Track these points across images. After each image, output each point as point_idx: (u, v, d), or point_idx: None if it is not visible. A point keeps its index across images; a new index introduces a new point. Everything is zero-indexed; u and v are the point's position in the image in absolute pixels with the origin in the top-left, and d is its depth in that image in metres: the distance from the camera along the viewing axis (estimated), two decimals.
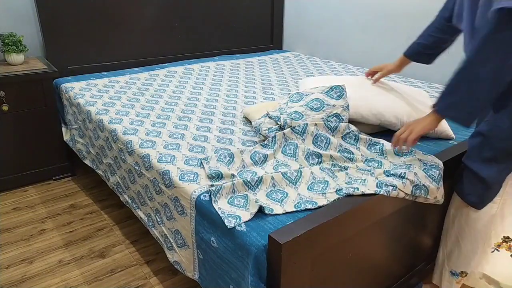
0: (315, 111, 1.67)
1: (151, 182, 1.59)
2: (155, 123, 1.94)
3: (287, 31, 3.75)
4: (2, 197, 2.37)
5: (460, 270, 1.58)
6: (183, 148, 1.67)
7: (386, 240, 1.49)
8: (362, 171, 1.43)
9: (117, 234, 2.08)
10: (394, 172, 1.35)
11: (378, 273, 1.53)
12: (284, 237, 1.05)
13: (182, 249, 1.47)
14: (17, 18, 2.56)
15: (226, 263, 1.23)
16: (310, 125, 1.60)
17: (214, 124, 1.93)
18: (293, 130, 1.60)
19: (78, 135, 2.34)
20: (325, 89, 1.75)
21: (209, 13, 3.24)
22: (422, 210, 1.59)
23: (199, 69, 2.94)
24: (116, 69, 2.84)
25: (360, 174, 1.41)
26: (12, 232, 2.08)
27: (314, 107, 1.68)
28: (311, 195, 1.31)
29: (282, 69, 3.03)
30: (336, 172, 1.45)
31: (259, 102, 2.27)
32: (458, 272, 1.58)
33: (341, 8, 3.16)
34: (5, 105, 2.25)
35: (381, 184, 1.29)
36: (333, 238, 1.19)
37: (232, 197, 1.29)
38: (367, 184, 1.31)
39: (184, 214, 1.40)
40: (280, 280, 1.08)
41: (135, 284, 1.77)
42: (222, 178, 1.40)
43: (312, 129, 1.59)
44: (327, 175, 1.41)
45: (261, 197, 1.30)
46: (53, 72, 2.38)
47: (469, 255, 1.53)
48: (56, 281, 1.77)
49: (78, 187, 2.51)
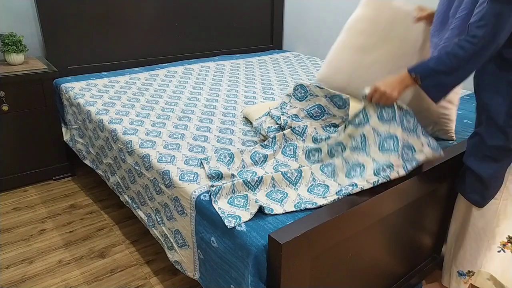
0: (314, 119, 1.68)
1: (151, 182, 1.59)
2: (155, 123, 1.94)
3: (287, 31, 3.75)
4: (2, 197, 2.37)
5: (467, 270, 1.58)
6: (183, 148, 1.67)
7: (386, 240, 1.49)
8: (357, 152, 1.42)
9: (117, 234, 2.08)
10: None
11: (378, 273, 1.53)
12: (284, 237, 1.05)
13: (182, 249, 1.47)
14: (17, 18, 2.56)
15: (226, 263, 1.24)
16: (310, 127, 1.61)
17: (214, 124, 1.93)
18: (293, 130, 1.60)
19: (78, 135, 2.34)
20: (329, 93, 1.71)
21: (209, 13, 3.24)
22: (422, 210, 1.59)
23: (199, 69, 2.94)
24: (116, 69, 2.84)
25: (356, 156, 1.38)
26: (12, 232, 2.08)
27: (314, 115, 1.69)
28: (311, 197, 1.31)
29: (282, 69, 3.03)
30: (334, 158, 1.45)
31: (259, 102, 2.27)
32: (465, 272, 1.59)
33: (341, 8, 3.16)
34: (5, 105, 2.25)
35: (378, 170, 1.29)
36: (333, 238, 1.19)
37: (232, 197, 1.29)
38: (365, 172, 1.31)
39: (184, 214, 1.40)
40: (280, 280, 1.08)
41: (135, 284, 1.77)
42: (222, 178, 1.40)
43: (311, 130, 1.61)
44: (327, 178, 1.41)
45: (261, 197, 1.30)
46: (53, 72, 2.38)
47: (474, 254, 1.55)
48: (56, 281, 1.77)
49: (78, 187, 2.51)
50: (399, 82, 1.33)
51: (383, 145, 1.33)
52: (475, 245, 1.53)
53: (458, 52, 1.22)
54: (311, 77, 2.80)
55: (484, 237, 1.51)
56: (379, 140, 1.34)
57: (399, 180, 1.35)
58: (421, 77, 1.30)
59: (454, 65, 1.24)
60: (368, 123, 1.37)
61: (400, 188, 1.34)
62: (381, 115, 1.36)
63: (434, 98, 1.32)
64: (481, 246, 1.52)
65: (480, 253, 1.54)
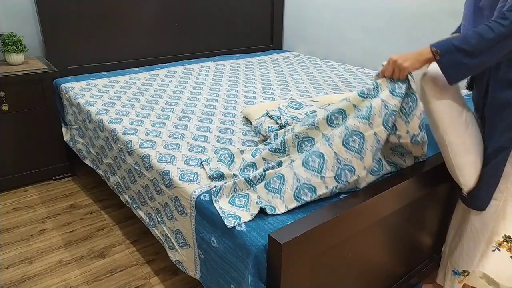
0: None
1: (151, 182, 1.59)
2: (155, 123, 1.94)
3: (287, 31, 3.76)
4: (2, 197, 2.37)
5: (462, 269, 1.58)
6: (183, 148, 1.67)
7: (386, 240, 1.49)
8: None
9: (117, 234, 2.08)
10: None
11: (378, 273, 1.54)
12: (284, 237, 1.05)
13: (183, 249, 1.47)
14: (17, 18, 2.56)
15: (226, 262, 1.24)
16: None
17: (214, 124, 1.93)
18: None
19: (78, 135, 2.34)
20: (323, 105, 1.75)
21: (209, 13, 3.24)
22: (422, 210, 1.59)
23: (199, 69, 2.94)
24: (116, 69, 2.84)
25: (357, 122, 1.30)
26: (12, 232, 2.08)
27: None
28: (308, 176, 1.26)
29: (282, 69, 3.03)
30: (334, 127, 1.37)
31: (259, 102, 2.27)
32: (460, 271, 1.59)
33: (341, 8, 3.16)
34: (5, 105, 2.25)
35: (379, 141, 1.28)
36: (333, 238, 1.19)
37: (234, 196, 1.29)
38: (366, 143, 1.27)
39: (184, 214, 1.41)
40: (280, 280, 1.08)
41: (135, 284, 1.77)
42: (223, 178, 1.40)
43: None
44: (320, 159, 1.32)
45: (260, 190, 1.28)
46: (53, 72, 2.38)
47: (470, 254, 1.54)
48: (56, 281, 1.77)
49: (78, 187, 2.51)
50: (416, 54, 1.27)
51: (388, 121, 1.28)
52: (472, 245, 1.53)
53: (487, 32, 1.16)
54: (311, 77, 2.80)
55: (481, 237, 1.50)
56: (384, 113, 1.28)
57: (399, 180, 1.35)
58: (441, 53, 1.23)
59: (479, 46, 1.18)
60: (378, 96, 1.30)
61: (400, 188, 1.34)
62: (393, 88, 1.30)
63: (449, 78, 1.26)
64: (478, 246, 1.52)
65: (476, 253, 1.53)
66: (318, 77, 2.79)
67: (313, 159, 1.28)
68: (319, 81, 2.69)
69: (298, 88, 2.54)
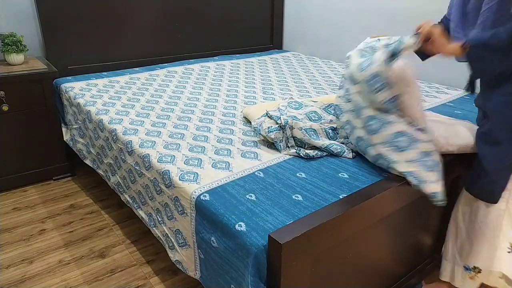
0: (314, 122, 1.70)
1: (151, 182, 1.59)
2: (155, 123, 1.94)
3: (287, 31, 3.75)
4: (2, 197, 2.37)
5: (473, 265, 1.59)
6: (183, 148, 1.67)
7: (386, 240, 1.49)
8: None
9: (117, 234, 2.08)
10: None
11: (378, 273, 1.54)
12: (284, 237, 1.05)
13: (183, 249, 1.47)
14: (17, 18, 2.56)
15: (226, 262, 1.24)
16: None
17: (214, 124, 1.93)
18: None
19: (78, 135, 2.34)
20: (323, 105, 1.79)
21: (209, 13, 3.24)
22: (422, 210, 1.59)
23: (199, 69, 2.94)
24: (116, 69, 2.84)
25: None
26: (12, 232, 2.08)
27: (312, 118, 1.71)
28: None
29: (282, 69, 3.03)
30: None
31: (259, 102, 2.27)
32: (471, 267, 1.59)
33: (341, 8, 3.16)
34: (5, 105, 2.25)
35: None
36: (333, 238, 1.19)
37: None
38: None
39: (184, 214, 1.41)
40: (280, 280, 1.08)
41: (135, 284, 1.77)
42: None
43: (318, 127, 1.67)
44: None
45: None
46: (53, 72, 2.38)
47: (480, 250, 1.55)
48: (56, 281, 1.77)
49: (78, 187, 2.51)
50: (451, 45, 1.31)
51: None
52: (481, 241, 1.54)
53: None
54: (311, 77, 2.80)
55: (491, 233, 1.52)
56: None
57: (399, 180, 1.35)
58: (471, 45, 1.26)
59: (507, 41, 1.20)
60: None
61: (400, 188, 1.34)
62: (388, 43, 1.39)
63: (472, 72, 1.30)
64: (488, 242, 1.53)
65: (486, 250, 1.55)
66: (318, 77, 2.79)
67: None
68: (319, 81, 2.69)
69: (298, 88, 2.55)
